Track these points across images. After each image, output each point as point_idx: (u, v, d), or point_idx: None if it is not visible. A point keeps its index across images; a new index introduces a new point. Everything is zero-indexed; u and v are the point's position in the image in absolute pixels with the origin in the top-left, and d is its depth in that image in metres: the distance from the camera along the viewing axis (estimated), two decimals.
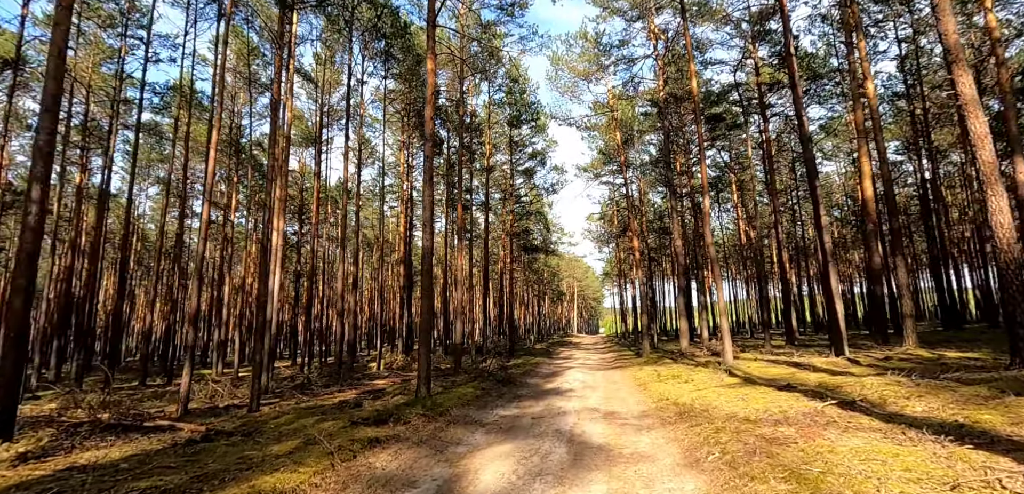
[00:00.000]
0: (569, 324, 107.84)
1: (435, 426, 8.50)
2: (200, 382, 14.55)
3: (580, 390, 13.09)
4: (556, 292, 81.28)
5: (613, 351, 32.09)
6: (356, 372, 22.14)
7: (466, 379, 15.98)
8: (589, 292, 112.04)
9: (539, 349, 38.09)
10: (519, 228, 39.03)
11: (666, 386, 11.50)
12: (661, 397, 10.02)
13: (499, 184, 37.87)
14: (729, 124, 31.48)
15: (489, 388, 14.08)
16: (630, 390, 12.19)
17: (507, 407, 10.92)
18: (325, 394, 14.46)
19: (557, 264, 70.46)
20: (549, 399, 11.82)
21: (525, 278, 63.50)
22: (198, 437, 8.46)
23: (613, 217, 48.87)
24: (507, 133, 31.13)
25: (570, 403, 10.89)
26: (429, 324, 11.11)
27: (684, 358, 19.57)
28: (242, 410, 11.49)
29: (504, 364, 21.40)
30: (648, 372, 15.49)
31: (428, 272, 11.31)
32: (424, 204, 11.41)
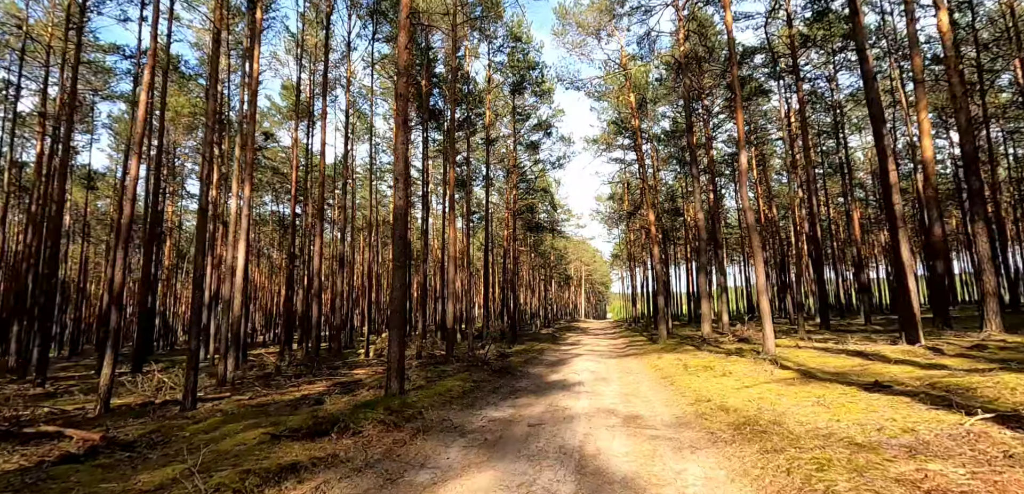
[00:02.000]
0: (577, 309, 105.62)
1: (396, 437, 6.27)
2: (146, 374, 12.45)
3: (590, 384, 10.83)
4: (563, 276, 78.91)
5: (624, 337, 29.81)
6: (340, 359, 20.05)
7: (458, 368, 13.78)
8: (597, 276, 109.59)
9: (545, 334, 35.91)
10: (523, 205, 36.66)
11: (699, 380, 9.20)
12: (698, 396, 7.72)
13: (502, 159, 35.44)
14: (752, 90, 28.75)
15: (482, 380, 11.87)
16: (653, 385, 9.90)
17: (500, 406, 8.69)
18: (291, 387, 12.32)
19: (564, 246, 68.05)
20: (553, 396, 9.57)
21: (531, 261, 61.24)
22: (82, 450, 6.32)
23: (624, 196, 46.33)
24: (509, 102, 28.62)
25: (579, 402, 8.63)
26: (401, 304, 8.86)
27: (707, 345, 17.25)
28: (175, 408, 9.35)
29: (504, 351, 19.20)
30: (670, 361, 13.18)
31: (401, 239, 9.05)
32: (396, 154, 9.12)
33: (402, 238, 9.07)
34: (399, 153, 9.13)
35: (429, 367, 14.71)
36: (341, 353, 22.23)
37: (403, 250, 9.09)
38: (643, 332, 31.56)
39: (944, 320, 13.96)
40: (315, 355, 15.68)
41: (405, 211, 9.12)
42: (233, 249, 13.41)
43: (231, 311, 13.63)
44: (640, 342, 22.39)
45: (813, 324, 23.46)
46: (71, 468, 5.53)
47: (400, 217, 9.10)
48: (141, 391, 11.65)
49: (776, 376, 8.67)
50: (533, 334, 34.88)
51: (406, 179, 9.07)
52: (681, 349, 16.60)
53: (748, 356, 12.02)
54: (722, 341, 17.85)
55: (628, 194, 45.22)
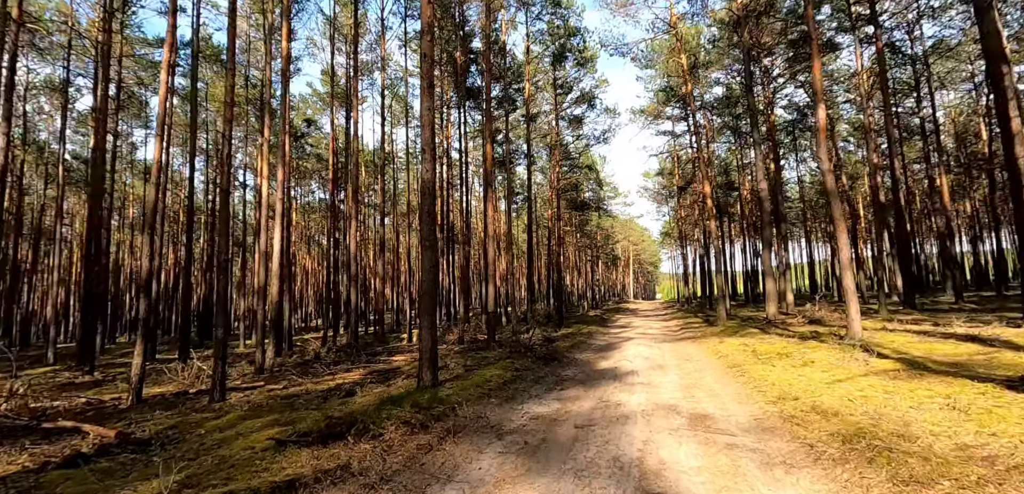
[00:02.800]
0: (625, 290, 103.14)
1: (421, 441, 5.43)
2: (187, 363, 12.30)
3: (645, 373, 9.69)
4: (611, 256, 76.79)
5: (676, 318, 28.18)
6: (383, 345, 19.69)
7: (500, 355, 12.94)
8: (645, 256, 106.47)
9: (592, 316, 34.67)
10: (567, 184, 35.31)
11: (776, 371, 7.88)
12: (780, 392, 6.45)
13: (544, 136, 34.16)
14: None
15: (525, 368, 10.95)
16: (719, 375, 8.65)
17: (544, 400, 7.74)
18: (327, 375, 11.85)
19: (611, 225, 66.02)
20: (603, 387, 8.52)
21: (577, 242, 59.80)
22: (94, 449, 5.87)
23: (673, 170, 43.98)
24: (550, 74, 27.25)
25: (634, 396, 7.54)
26: (431, 287, 8.02)
27: (773, 327, 15.62)
28: (205, 400, 8.96)
29: (550, 335, 18.23)
30: (734, 346, 11.79)
31: (429, 216, 8.17)
32: (422, 121, 8.22)
33: (430, 215, 8.19)
34: (425, 120, 8.22)
35: (470, 353, 13.95)
36: (385, 339, 21.94)
37: (431, 228, 8.22)
38: (697, 313, 29.75)
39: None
40: (354, 342, 15.29)
41: (433, 185, 8.23)
42: (267, 234, 13.03)
43: (267, 298, 13.31)
44: (696, 324, 20.84)
45: (892, 303, 21.09)
46: (66, 474, 5.01)
47: (427, 192, 8.22)
48: (180, 379, 11.47)
49: (873, 367, 7.25)
50: (580, 316, 33.74)
51: (432, 149, 8.17)
52: (744, 332, 15.06)
53: (828, 341, 10.48)
54: (790, 323, 16.14)
55: (678, 168, 42.86)
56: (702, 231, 39.42)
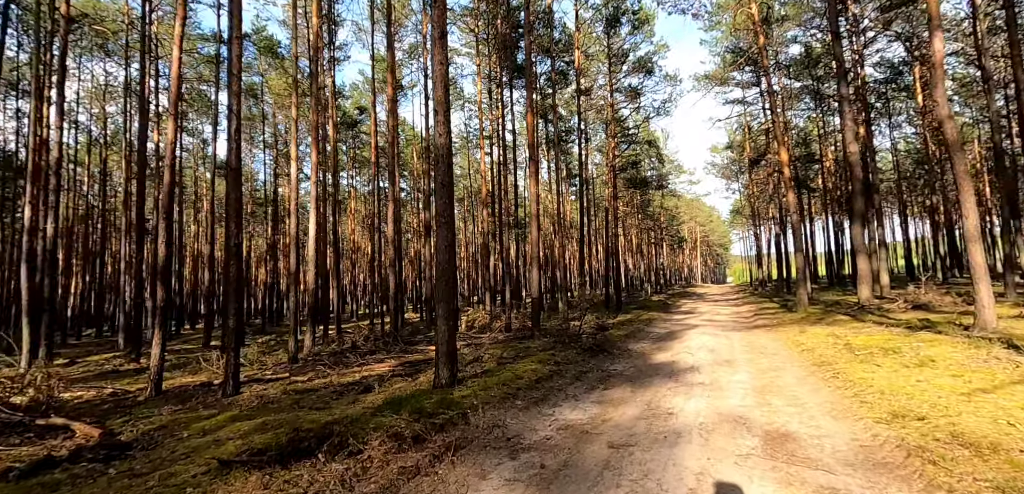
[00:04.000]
0: (692, 273, 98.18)
1: (408, 461, 4.33)
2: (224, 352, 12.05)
3: (709, 369, 8.11)
4: (676, 238, 72.97)
5: (749, 303, 25.65)
6: (427, 333, 19.06)
7: (543, 345, 11.72)
8: (714, 237, 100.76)
9: (655, 301, 32.55)
10: (625, 161, 33.18)
11: (882, 373, 6.10)
12: (895, 405, 4.76)
13: (599, 111, 32.22)
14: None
15: (567, 361, 9.66)
16: (803, 374, 6.95)
17: (580, 402, 6.46)
18: (358, 365, 11.15)
19: (676, 205, 62.54)
20: (655, 387, 7.09)
21: (639, 223, 57.11)
22: (68, 453, 5.30)
23: (744, 143, 40.43)
24: (603, 43, 25.32)
25: (691, 402, 6.08)
26: (448, 269, 6.92)
27: (868, 314, 13.28)
28: (218, 394, 8.42)
29: (603, 322, 16.73)
30: (820, 338, 9.85)
31: (444, 187, 7.06)
32: (434, 77, 7.07)
33: (445, 186, 7.05)
34: (437, 75, 7.07)
35: (512, 343, 12.83)
36: (431, 325, 21.34)
37: (447, 201, 7.09)
38: (772, 298, 26.96)
39: None
40: (395, 330, 14.63)
41: (447, 150, 7.08)
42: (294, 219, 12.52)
43: (301, 285, 12.83)
44: (771, 310, 18.53)
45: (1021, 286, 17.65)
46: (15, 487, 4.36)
47: (441, 158, 7.09)
48: (214, 369, 11.17)
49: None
50: (642, 302, 31.73)
51: (445, 109, 7.01)
52: (831, 320, 12.88)
53: (948, 332, 8.36)
54: (889, 309, 13.69)
55: (750, 140, 39.31)
56: (778, 207, 35.97)
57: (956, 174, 7.92)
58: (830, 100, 35.25)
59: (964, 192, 7.88)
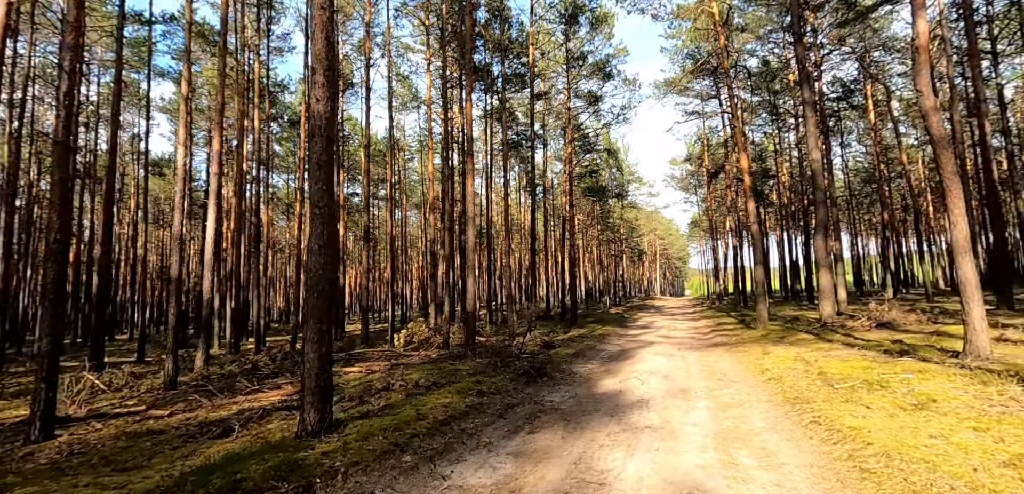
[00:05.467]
0: (651, 286, 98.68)
1: None
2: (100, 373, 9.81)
3: (660, 403, 6.65)
4: (636, 251, 72.87)
5: (706, 318, 24.76)
6: (357, 349, 17.10)
7: (473, 368, 10.05)
8: (673, 251, 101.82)
9: (613, 314, 31.41)
10: (584, 169, 32.10)
11: (876, 418, 4.73)
12: (912, 483, 3.32)
13: (558, 115, 31.02)
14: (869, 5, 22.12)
15: (495, 390, 8.02)
16: (774, 415, 5.55)
17: (492, 456, 4.85)
18: (247, 392, 9.19)
19: (636, 217, 62.32)
20: (593, 431, 5.56)
21: (600, 235, 56.45)
22: None
23: (703, 156, 40.18)
24: (561, 42, 24.12)
25: (633, 460, 4.54)
26: (322, 279, 5.22)
27: (833, 333, 12.26)
28: (18, 443, 6.33)
29: (551, 339, 15.23)
30: (786, 361, 8.59)
31: (321, 169, 5.36)
32: (313, 24, 5.39)
33: (322, 166, 5.35)
34: (317, 22, 5.39)
35: (441, 364, 11.10)
36: (367, 340, 19.33)
37: (325, 187, 5.38)
38: (730, 312, 26.23)
39: None
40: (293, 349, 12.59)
41: (328, 120, 5.39)
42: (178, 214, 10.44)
43: (175, 298, 10.70)
44: (729, 326, 17.49)
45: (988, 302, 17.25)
46: None
47: (319, 130, 5.39)
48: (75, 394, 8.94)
49: None
50: (599, 315, 30.52)
51: (327, 67, 5.32)
52: (795, 338, 11.77)
53: (932, 357, 7.19)
54: (853, 327, 12.73)
55: (709, 152, 39.09)
56: (736, 219, 35.68)
57: (943, 175, 6.79)
58: (786, 116, 35.43)
59: (952, 196, 6.74)
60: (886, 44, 30.06)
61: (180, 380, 10.27)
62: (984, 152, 14.73)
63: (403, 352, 15.10)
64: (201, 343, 11.33)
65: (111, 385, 9.80)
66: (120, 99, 12.81)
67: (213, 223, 11.54)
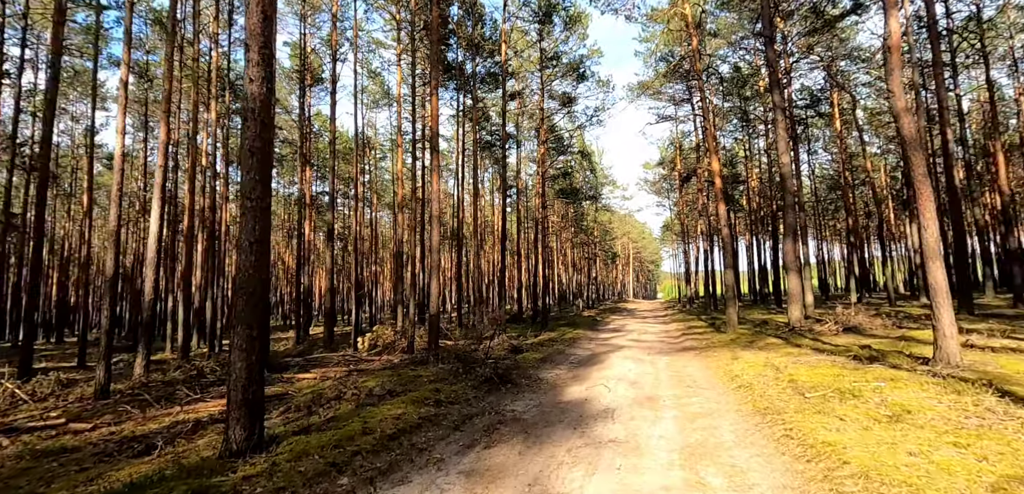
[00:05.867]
0: (624, 289, 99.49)
1: None
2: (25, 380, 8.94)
3: (627, 412, 6.30)
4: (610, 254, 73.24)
5: (677, 321, 24.73)
6: (316, 353, 16.39)
7: (434, 374, 9.55)
8: (646, 254, 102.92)
9: (585, 317, 31.23)
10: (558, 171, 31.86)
11: (851, 433, 4.45)
12: None
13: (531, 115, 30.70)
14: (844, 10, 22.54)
15: (454, 398, 7.55)
16: (744, 428, 5.24)
17: (441, 477, 4.40)
18: (183, 405, 8.47)
19: (609, 220, 62.57)
20: (554, 445, 5.15)
21: (574, 238, 56.49)
22: None
23: (676, 160, 40.51)
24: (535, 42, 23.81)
25: (594, 481, 4.15)
26: (253, 279, 4.69)
27: (801, 337, 12.20)
28: None
29: (519, 343, 14.82)
30: (755, 367, 8.36)
31: (256, 155, 4.81)
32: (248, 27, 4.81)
33: (256, 153, 4.81)
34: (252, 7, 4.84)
35: (402, 370, 10.56)
36: (330, 343, 18.58)
37: (258, 177, 4.83)
38: (700, 315, 26.31)
39: None
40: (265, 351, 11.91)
41: (263, 103, 4.85)
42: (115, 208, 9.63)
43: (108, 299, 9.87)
44: (699, 330, 17.39)
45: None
46: None
47: (253, 114, 4.84)
48: None
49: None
50: (571, 317, 30.30)
51: (263, 44, 4.78)
52: (764, 343, 11.64)
53: (902, 364, 7.04)
54: (820, 332, 12.70)
55: (681, 157, 39.41)
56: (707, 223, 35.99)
57: (914, 177, 6.63)
58: (756, 122, 35.99)
59: (923, 199, 6.58)
60: (852, 54, 30.76)
61: (115, 389, 9.45)
62: (946, 160, 15.00)
63: (365, 356, 14.46)
64: (141, 348, 10.50)
65: (35, 394, 8.94)
66: (57, 87, 11.85)
67: (156, 219, 10.72)
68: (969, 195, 27.23)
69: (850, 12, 22.48)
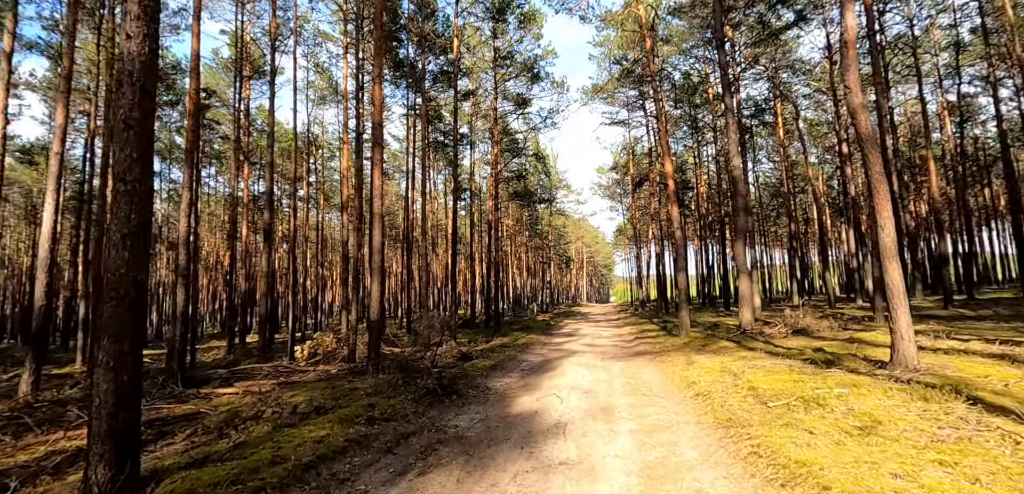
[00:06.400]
0: (578, 292, 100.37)
1: None
2: None
3: (579, 427, 5.73)
4: (564, 258, 73.61)
5: (630, 325, 24.69)
6: (259, 361, 15.09)
7: (373, 386, 8.70)
8: (599, 258, 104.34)
9: (539, 321, 30.80)
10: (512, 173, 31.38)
11: (823, 449, 4.03)
12: None
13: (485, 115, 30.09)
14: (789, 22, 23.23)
15: (391, 414, 6.77)
16: (707, 445, 4.77)
17: None
18: (70, 428, 7.25)
19: (563, 224, 62.83)
20: (497, 470, 4.51)
21: (528, 242, 56.25)
22: None
23: (628, 165, 40.96)
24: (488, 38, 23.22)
25: None
26: (125, 280, 3.74)
27: (753, 340, 12.12)
28: None
29: (469, 350, 14.10)
30: (712, 373, 8.03)
31: (131, 127, 3.88)
32: None
33: (132, 127, 3.91)
34: None
35: (339, 381, 9.63)
36: (266, 353, 17.20)
37: (137, 154, 3.93)
38: (653, 319, 26.44)
39: None
40: (172, 363, 10.51)
41: (144, 65, 3.96)
42: None
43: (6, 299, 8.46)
44: (652, 334, 17.24)
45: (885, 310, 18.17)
46: None
47: (129, 77, 3.96)
48: None
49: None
50: (525, 322, 29.80)
51: None
52: (717, 346, 11.45)
53: (858, 368, 6.84)
54: (771, 335, 12.70)
55: (633, 161, 39.87)
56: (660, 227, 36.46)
57: (871, 175, 6.44)
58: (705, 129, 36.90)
59: (880, 197, 6.39)
60: (794, 66, 31.99)
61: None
62: (886, 166, 15.47)
63: (301, 367, 13.33)
64: (29, 362, 9.06)
65: None
66: None
67: (50, 215, 9.33)
68: (901, 202, 28.74)
69: (794, 23, 23.21)
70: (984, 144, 38.16)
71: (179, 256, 10.97)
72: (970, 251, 25.69)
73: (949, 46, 26.78)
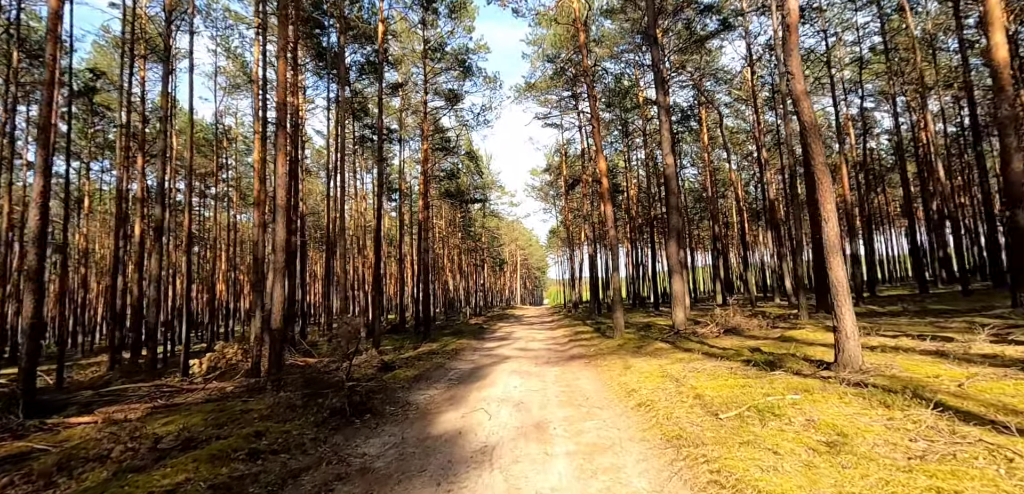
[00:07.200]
0: (512, 295, 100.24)
1: None
2: None
3: (509, 448, 4.88)
4: (498, 260, 73.03)
5: (564, 327, 24.31)
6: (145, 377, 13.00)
7: (269, 405, 7.37)
8: (533, 261, 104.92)
9: (472, 325, 29.79)
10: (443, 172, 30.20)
11: (793, 475, 3.39)
12: None
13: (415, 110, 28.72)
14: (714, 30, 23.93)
15: (282, 444, 5.56)
16: (655, 466, 4.06)
17: None
18: None
19: (497, 226, 62.23)
20: None
21: (461, 244, 55.07)
22: None
23: (561, 167, 40.96)
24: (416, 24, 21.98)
25: None
26: None
27: (688, 341, 11.87)
28: None
29: (392, 359, 12.88)
30: (652, 378, 7.47)
31: None
32: None
33: None
34: None
35: (227, 402, 8.17)
36: (155, 367, 14.99)
37: None
38: (586, 320, 26.26)
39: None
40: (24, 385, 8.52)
41: None
42: None
43: None
44: (587, 336, 16.80)
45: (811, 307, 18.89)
46: None
47: None
48: None
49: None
50: (457, 326, 28.67)
51: None
52: (653, 349, 11.06)
53: (803, 370, 6.49)
54: (705, 335, 12.55)
55: (566, 164, 39.93)
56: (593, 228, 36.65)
57: (814, 167, 6.11)
58: (635, 134, 37.69)
59: (823, 190, 6.07)
60: (717, 74, 33.33)
61: None
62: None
63: (193, 385, 11.52)
64: None
65: None
66: None
67: None
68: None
69: (718, 31, 23.94)
70: (879, 155, 41.88)
71: (28, 256, 8.96)
72: (871, 253, 27.75)
73: (853, 62, 28.91)
